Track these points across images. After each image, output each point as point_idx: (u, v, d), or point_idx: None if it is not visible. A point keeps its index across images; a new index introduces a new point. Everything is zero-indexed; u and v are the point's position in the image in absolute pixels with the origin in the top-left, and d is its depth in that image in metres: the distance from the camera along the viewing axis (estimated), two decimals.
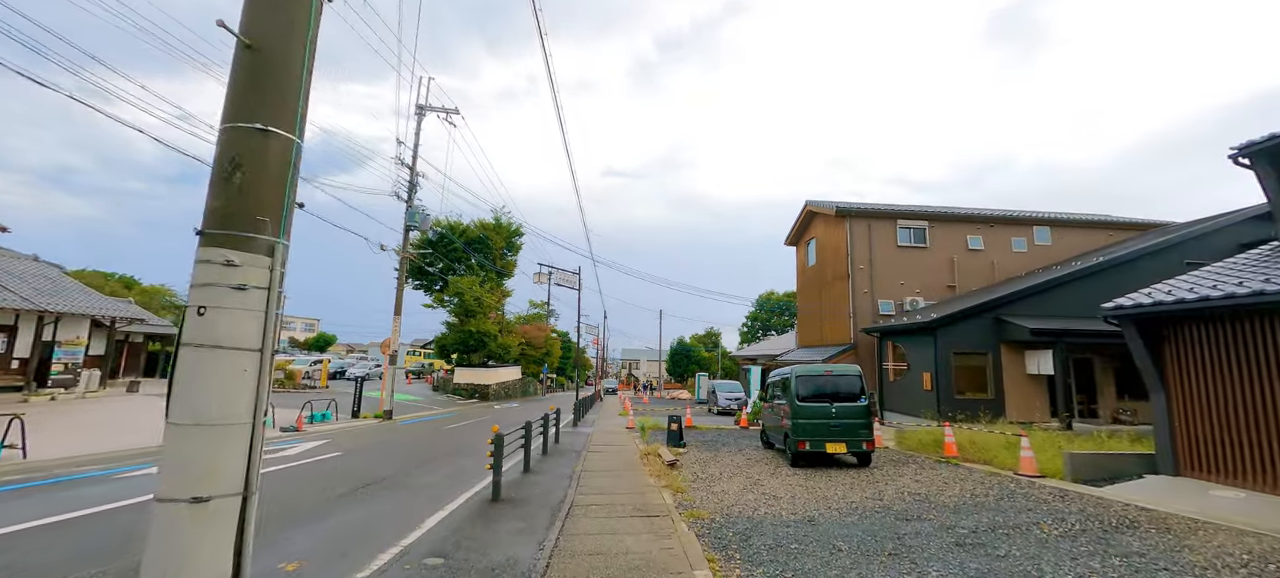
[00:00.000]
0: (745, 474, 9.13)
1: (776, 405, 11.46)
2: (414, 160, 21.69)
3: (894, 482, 8.54)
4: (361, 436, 13.65)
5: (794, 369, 10.23)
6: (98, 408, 16.47)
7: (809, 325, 25.47)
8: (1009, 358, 16.09)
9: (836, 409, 9.70)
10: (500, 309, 41.97)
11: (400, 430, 15.40)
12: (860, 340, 20.59)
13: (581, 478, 8.51)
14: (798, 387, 9.96)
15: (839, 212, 21.89)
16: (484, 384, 35.62)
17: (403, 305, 21.54)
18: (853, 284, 21.19)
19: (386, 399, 20.26)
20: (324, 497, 6.63)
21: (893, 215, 21.93)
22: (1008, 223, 22.40)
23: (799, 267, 27.36)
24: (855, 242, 21.53)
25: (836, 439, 9.52)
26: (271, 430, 14.28)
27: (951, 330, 16.24)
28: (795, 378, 10.06)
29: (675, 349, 67.06)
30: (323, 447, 11.04)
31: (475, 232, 39.23)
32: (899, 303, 21.08)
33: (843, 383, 10.02)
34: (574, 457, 10.78)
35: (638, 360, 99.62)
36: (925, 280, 21.38)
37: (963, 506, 6.87)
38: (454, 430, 15.84)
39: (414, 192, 21.62)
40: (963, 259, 21.73)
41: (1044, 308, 16.34)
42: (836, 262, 22.45)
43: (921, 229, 21.95)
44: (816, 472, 9.41)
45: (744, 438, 15.09)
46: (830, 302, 22.85)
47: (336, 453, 10.14)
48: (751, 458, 10.96)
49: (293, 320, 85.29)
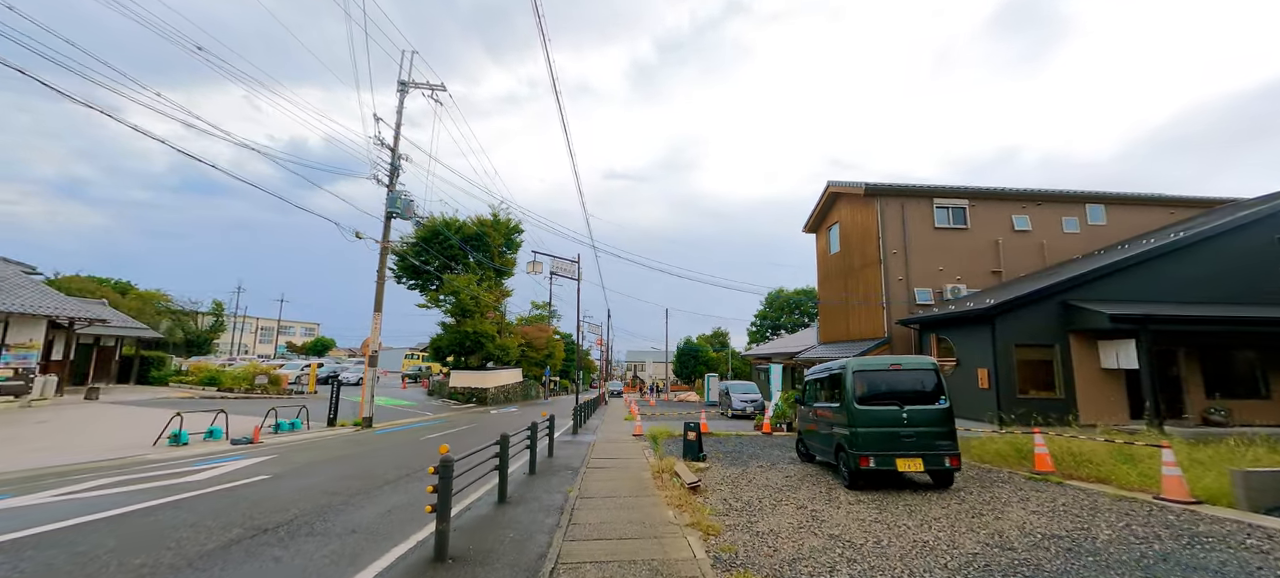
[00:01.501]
0: (793, 502, 6.88)
1: (820, 410, 9.20)
2: (396, 140, 19.62)
3: (1001, 513, 6.27)
4: (318, 450, 11.48)
5: (848, 362, 7.96)
6: (33, 419, 14.40)
7: (833, 319, 23.16)
8: (1080, 350, 13.74)
9: (909, 414, 7.43)
10: (499, 309, 39.84)
11: (370, 442, 13.23)
12: (895, 334, 18.28)
13: (576, 510, 6.30)
14: (855, 385, 7.70)
15: (868, 191, 19.60)
16: (481, 388, 33.48)
17: (384, 303, 19.45)
18: (885, 271, 18.88)
19: (366, 405, 18.15)
20: (184, 554, 4.44)
21: (928, 194, 19.61)
22: (1057, 201, 20.04)
23: (819, 255, 25.04)
24: (887, 224, 19.23)
25: (910, 453, 7.25)
26: (216, 444, 12.15)
27: (1012, 319, 13.92)
28: (852, 374, 7.79)
29: (682, 349, 64.64)
30: (257, 467, 8.88)
31: (473, 228, 37.15)
32: (938, 291, 18.75)
33: (915, 379, 7.75)
34: (569, 477, 8.56)
35: (643, 362, 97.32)
36: (966, 265, 19.05)
37: (1133, 558, 4.62)
38: (434, 441, 13.66)
39: (396, 175, 19.53)
40: (1008, 241, 19.38)
41: (1116, 291, 14.01)
42: (865, 247, 20.14)
43: (961, 209, 19.62)
44: (886, 496, 7.15)
45: (772, 447, 12.82)
46: (858, 291, 20.55)
47: (264, 477, 7.96)
48: (792, 476, 8.70)
49: (292, 325, 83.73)
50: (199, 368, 29.95)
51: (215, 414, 13.45)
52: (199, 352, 49.26)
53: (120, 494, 6.63)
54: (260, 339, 76.24)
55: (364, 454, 10.91)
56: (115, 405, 19.03)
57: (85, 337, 25.51)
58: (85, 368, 25.84)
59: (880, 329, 18.83)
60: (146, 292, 47.59)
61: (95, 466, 8.85)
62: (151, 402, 20.19)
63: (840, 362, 8.51)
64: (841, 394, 7.93)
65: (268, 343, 76.33)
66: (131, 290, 46.64)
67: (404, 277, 37.33)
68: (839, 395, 8.12)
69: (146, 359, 29.35)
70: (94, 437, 12.04)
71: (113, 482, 7.45)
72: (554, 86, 8.90)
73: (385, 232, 19.30)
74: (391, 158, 19.41)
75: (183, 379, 28.99)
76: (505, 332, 40.86)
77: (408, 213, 19.53)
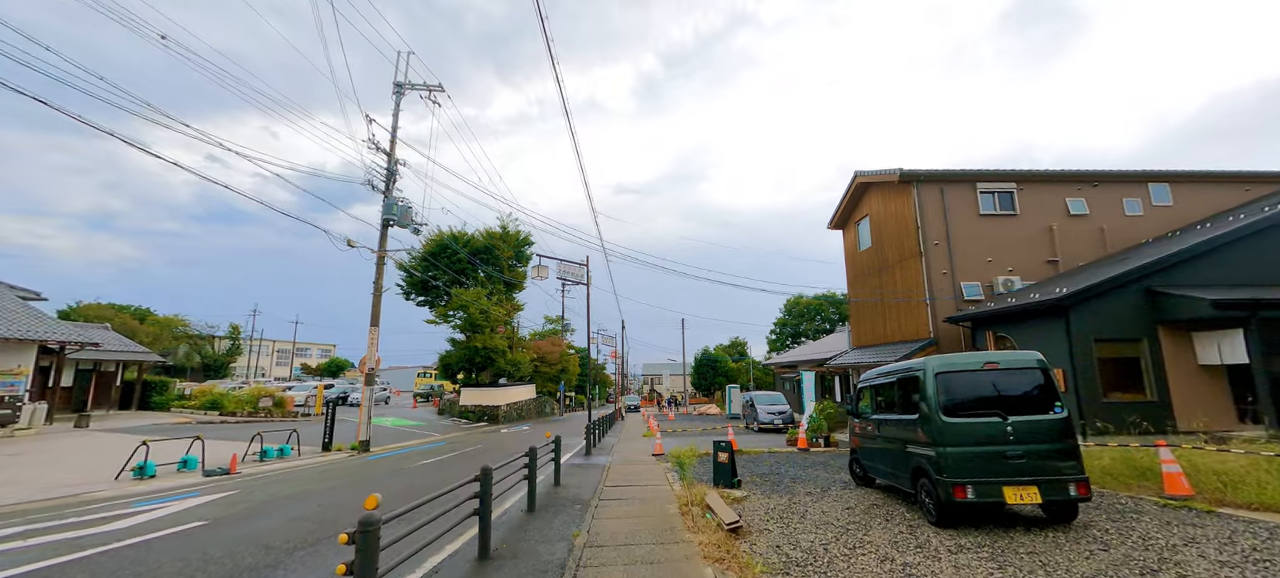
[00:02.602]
0: (870, 549, 5.17)
1: (883, 423, 7.46)
2: (392, 144, 18.45)
3: (1176, 564, 4.49)
4: (291, 482, 10.02)
5: (928, 363, 6.23)
6: (7, 451, 13.23)
7: (866, 320, 21.24)
8: (1172, 344, 11.76)
9: (1015, 428, 5.68)
10: (510, 323, 38.49)
11: (356, 471, 11.75)
12: (942, 333, 16.36)
13: (582, 567, 4.68)
14: (939, 392, 5.97)
15: (903, 177, 17.81)
16: (493, 406, 32.00)
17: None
18: (926, 264, 17.02)
19: (363, 428, 16.75)
20: None
21: (971, 178, 17.75)
22: (1117, 181, 18.02)
23: (847, 252, 23.19)
24: (926, 213, 17.40)
25: (1020, 480, 5.49)
26: (187, 476, 10.79)
27: (1090, 310, 11.99)
28: (933, 378, 6.06)
29: (700, 360, 62.50)
30: (203, 508, 7.42)
31: (481, 241, 36.01)
32: (988, 284, 16.81)
33: (1018, 382, 5.98)
34: (577, 514, 6.93)
35: (660, 375, 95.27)
36: (1018, 255, 17.10)
37: None
38: (428, 468, 12.13)
39: (393, 181, 18.32)
40: (1063, 227, 17.40)
41: (1208, 276, 12.03)
42: (903, 239, 18.30)
43: (1008, 193, 17.71)
44: (993, 536, 5.40)
45: (814, 466, 11.04)
46: (896, 288, 18.68)
47: (202, 522, 6.48)
48: (853, 508, 6.96)
49: (308, 346, 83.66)
50: (203, 392, 29.03)
51: (191, 441, 12.14)
52: (216, 376, 48.82)
53: (11, 552, 5.21)
54: (277, 362, 76.19)
55: (340, 487, 9.41)
56: (104, 434, 17.91)
57: (84, 362, 24.69)
58: (84, 395, 24.95)
59: (924, 329, 16.93)
60: (165, 317, 47.36)
61: (26, 507, 7.50)
62: (144, 429, 19.05)
63: (912, 364, 6.78)
64: (919, 404, 6.20)
65: (285, 366, 76.26)
66: (150, 317, 46.41)
67: (412, 293, 36.27)
68: (914, 405, 6.39)
69: (149, 384, 28.45)
70: (57, 470, 10.76)
71: (24, 529, 6.05)
72: (559, 86, 7.44)
73: (381, 240, 18.03)
74: (387, 162, 18.23)
75: (186, 404, 28.06)
76: (517, 346, 39.45)
77: (405, 220, 18.27)
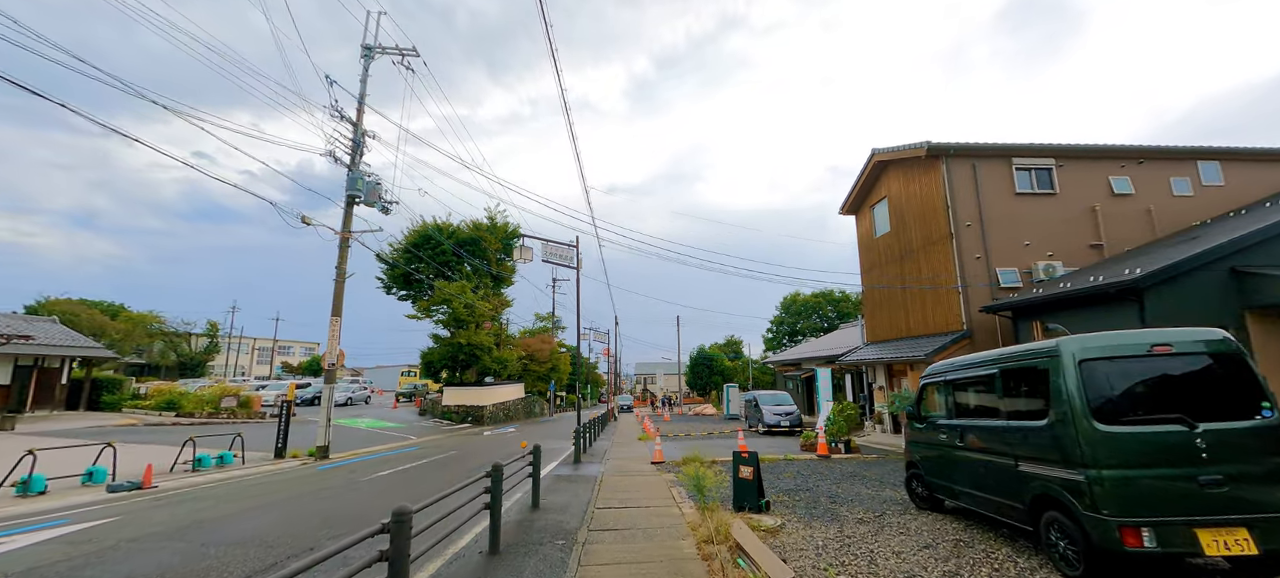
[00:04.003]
0: None
1: (974, 431, 5.60)
2: (360, 112, 16.40)
3: None
4: (208, 501, 8.01)
5: (1064, 345, 4.32)
6: None
7: (884, 313, 19.45)
8: (1264, 334, 10.04)
9: (1208, 439, 3.83)
10: (498, 319, 36.42)
11: (293, 485, 9.73)
12: (977, 325, 14.60)
13: None
14: (1085, 387, 4.10)
15: (931, 151, 16.02)
16: (478, 406, 29.93)
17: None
18: (958, 248, 15.24)
19: (322, 431, 14.72)
20: None
21: (1006, 153, 16.00)
22: (1163, 158, 16.37)
23: (861, 240, 21.41)
24: (956, 191, 15.63)
25: (1223, 518, 3.65)
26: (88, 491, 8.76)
27: (1169, 293, 10.24)
28: (1074, 367, 4.15)
29: (695, 359, 60.59)
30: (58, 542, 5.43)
31: (467, 232, 33.92)
32: (1026, 270, 15.07)
33: (1200, 373, 4.14)
34: (558, 553, 5.01)
35: (653, 374, 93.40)
36: (1058, 238, 15.38)
37: None
38: (388, 480, 10.15)
39: (360, 152, 16.27)
40: (1107, 208, 15.70)
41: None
42: (930, 221, 16.51)
43: (1046, 170, 15.99)
44: None
45: (848, 479, 9.20)
46: (920, 276, 16.91)
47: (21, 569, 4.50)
48: (931, 544, 5.10)
49: (292, 344, 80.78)
50: (159, 391, 26.70)
51: (100, 450, 10.09)
52: (193, 374, 46.23)
53: None
54: (258, 360, 73.40)
55: (256, 509, 7.41)
56: (28, 438, 15.69)
57: (24, 358, 22.36)
58: (24, 393, 22.59)
59: (955, 320, 15.15)
60: (138, 314, 44.59)
61: None
62: (79, 432, 16.88)
63: (1031, 348, 4.89)
64: (1051, 405, 4.33)
65: (267, 364, 73.50)
66: (123, 313, 43.68)
67: (394, 287, 34.05)
68: (1035, 407, 4.53)
69: (99, 382, 26.08)
70: None
71: None
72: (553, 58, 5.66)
73: (345, 219, 15.97)
74: (353, 132, 16.17)
75: (139, 404, 25.76)
76: (505, 344, 37.38)
77: (373, 196, 16.20)
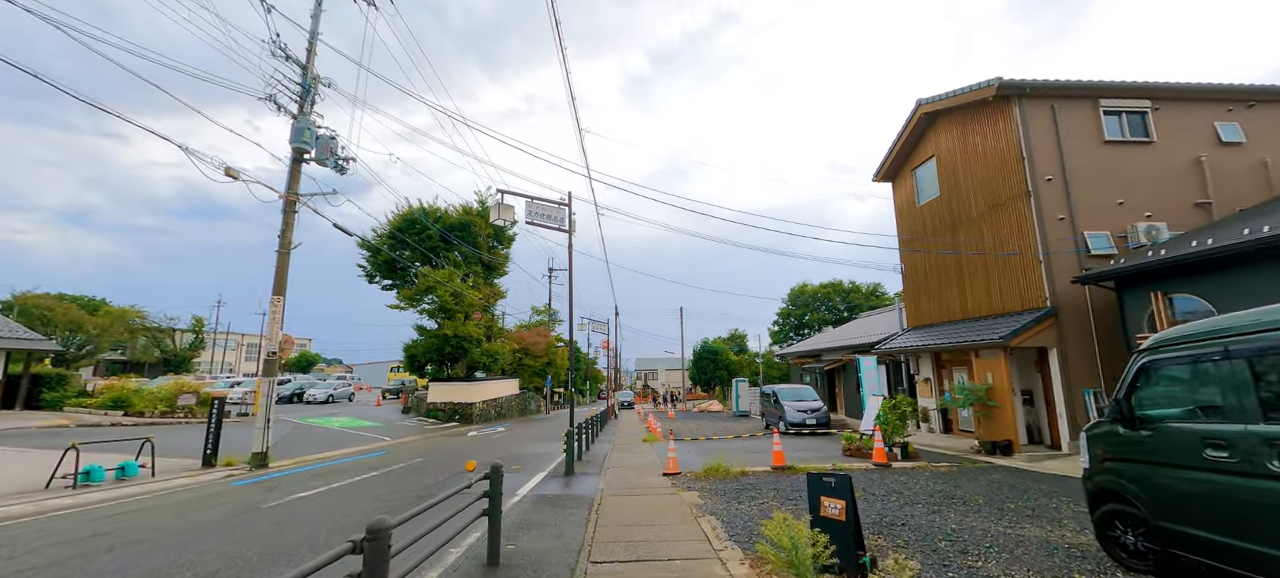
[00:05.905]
0: None
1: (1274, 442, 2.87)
2: (310, 53, 13.58)
3: None
4: (19, 546, 5.25)
5: None
6: None
7: (931, 292, 16.68)
8: None
9: None
10: (489, 310, 33.63)
11: (185, 511, 6.96)
12: (1064, 299, 11.86)
13: None
14: None
15: (1001, 91, 13.22)
16: (466, 403, 27.19)
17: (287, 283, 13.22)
18: (1036, 207, 12.49)
19: (261, 437, 11.95)
20: None
21: (1092, 93, 13.22)
22: (1277, 101, 13.63)
23: (899, 210, 18.62)
24: (1033, 140, 12.86)
25: None
26: None
27: None
28: None
29: (698, 353, 57.64)
30: None
31: (456, 217, 31.19)
32: (1121, 234, 12.33)
33: None
34: None
35: (655, 369, 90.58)
36: (1156, 196, 12.63)
37: None
38: (326, 502, 7.39)
39: (310, 100, 13.47)
40: (1214, 159, 12.96)
41: None
42: (998, 177, 13.73)
43: (1140, 114, 13.23)
44: None
45: (947, 504, 6.46)
46: (983, 244, 14.14)
47: None
48: None
49: None
50: (109, 388, 23.95)
51: None
52: (178, 371, 43.57)
53: None
54: (246, 356, 70.70)
55: (70, 560, 4.66)
56: None
57: None
58: None
59: (1035, 295, 12.41)
60: (119, 309, 41.73)
61: None
62: None
63: None
64: None
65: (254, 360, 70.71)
66: (103, 307, 40.91)
67: (377, 275, 31.29)
68: None
69: (40, 378, 23.28)
70: None
71: None
72: None
73: (291, 179, 13.16)
74: (302, 76, 13.36)
75: (85, 402, 23.00)
76: (496, 336, 34.63)
77: (325, 152, 13.40)
